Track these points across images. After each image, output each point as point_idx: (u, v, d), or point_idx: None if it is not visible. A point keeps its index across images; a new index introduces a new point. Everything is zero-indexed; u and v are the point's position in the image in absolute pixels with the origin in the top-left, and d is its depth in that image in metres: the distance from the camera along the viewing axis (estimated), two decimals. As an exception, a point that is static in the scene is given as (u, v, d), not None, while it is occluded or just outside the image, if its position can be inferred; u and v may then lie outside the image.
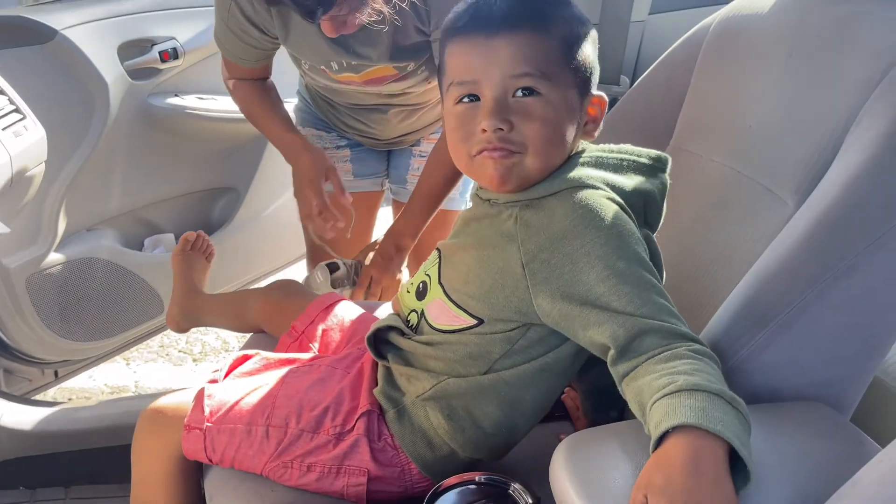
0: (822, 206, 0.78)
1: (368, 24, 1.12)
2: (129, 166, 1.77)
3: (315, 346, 1.09)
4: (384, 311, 1.15)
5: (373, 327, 0.93)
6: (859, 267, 0.74)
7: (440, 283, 0.86)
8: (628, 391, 0.70)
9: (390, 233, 1.43)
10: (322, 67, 1.31)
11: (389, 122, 1.46)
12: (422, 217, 1.40)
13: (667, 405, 0.62)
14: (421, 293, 0.89)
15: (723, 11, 1.12)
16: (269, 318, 1.19)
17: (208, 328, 2.42)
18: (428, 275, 0.89)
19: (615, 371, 0.72)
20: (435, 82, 1.34)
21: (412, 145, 1.57)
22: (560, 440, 0.88)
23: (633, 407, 0.69)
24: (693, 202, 1.02)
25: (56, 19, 1.60)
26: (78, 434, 1.53)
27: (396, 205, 1.65)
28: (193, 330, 1.43)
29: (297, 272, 2.00)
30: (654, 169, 0.84)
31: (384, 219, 1.67)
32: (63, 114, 1.58)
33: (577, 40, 0.79)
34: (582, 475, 0.66)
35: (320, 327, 1.11)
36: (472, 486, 0.71)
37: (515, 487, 0.72)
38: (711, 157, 1.04)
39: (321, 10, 1.05)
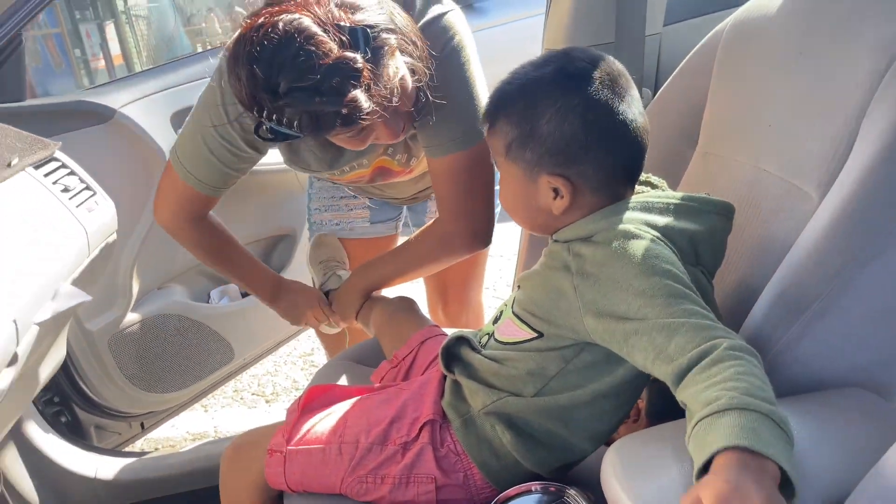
0: (843, 196, 0.81)
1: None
2: (190, 225, 1.88)
3: (409, 373, 1.17)
4: None
5: (446, 339, 1.02)
6: (884, 252, 0.77)
7: (512, 306, 0.95)
8: (679, 397, 0.72)
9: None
10: (328, 175, 1.30)
11: (401, 188, 1.47)
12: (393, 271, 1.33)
13: (717, 424, 0.64)
14: (496, 319, 0.99)
15: (733, 16, 1.15)
16: (381, 326, 1.31)
17: (278, 369, 2.52)
18: (506, 304, 0.99)
19: (663, 374, 0.75)
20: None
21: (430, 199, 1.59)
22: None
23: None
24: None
25: (113, 99, 1.73)
26: (169, 480, 1.64)
27: None
28: (264, 372, 1.50)
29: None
30: (700, 211, 0.89)
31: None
32: (127, 184, 1.70)
33: (514, 139, 0.89)
34: (632, 478, 0.68)
35: (415, 358, 1.19)
36: (531, 495, 0.75)
37: (570, 493, 0.76)
38: (736, 157, 1.07)
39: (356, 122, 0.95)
